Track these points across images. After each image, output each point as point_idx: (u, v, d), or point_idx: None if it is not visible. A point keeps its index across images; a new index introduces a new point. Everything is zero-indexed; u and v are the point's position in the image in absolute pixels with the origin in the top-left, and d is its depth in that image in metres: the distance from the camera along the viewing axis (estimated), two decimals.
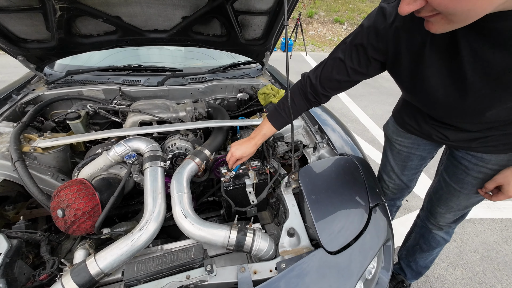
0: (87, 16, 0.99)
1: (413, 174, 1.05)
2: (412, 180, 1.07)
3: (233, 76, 1.56)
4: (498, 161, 0.74)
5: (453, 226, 1.02)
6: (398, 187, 1.10)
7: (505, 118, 0.61)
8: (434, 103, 0.68)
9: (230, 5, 1.09)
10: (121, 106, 1.14)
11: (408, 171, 1.03)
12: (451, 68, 0.56)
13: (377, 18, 0.64)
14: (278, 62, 5.32)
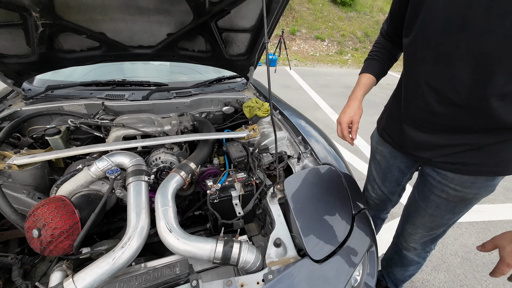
0: (70, 32, 1.00)
1: (394, 187, 1.09)
2: (393, 192, 1.12)
3: (218, 90, 1.59)
4: (461, 182, 0.78)
5: (423, 250, 1.04)
6: (380, 197, 1.15)
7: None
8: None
9: (214, 23, 1.14)
10: (104, 121, 1.13)
11: (389, 183, 1.08)
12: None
13: None
14: (263, 76, 5.44)
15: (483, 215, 1.88)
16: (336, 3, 10.10)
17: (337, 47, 8.81)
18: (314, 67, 6.96)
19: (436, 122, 0.74)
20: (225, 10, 1.05)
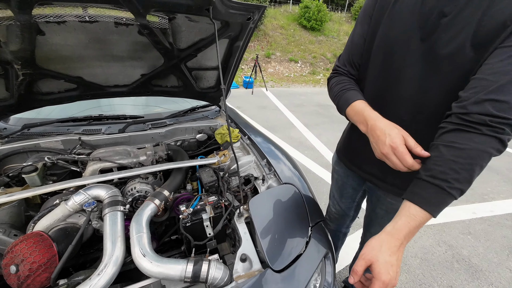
0: (49, 78, 1.10)
1: (349, 203, 1.23)
2: (350, 208, 1.25)
3: (192, 119, 1.72)
4: (394, 197, 0.91)
5: None
6: (339, 213, 1.29)
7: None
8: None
9: (184, 64, 1.29)
10: (80, 156, 1.20)
11: (345, 199, 1.22)
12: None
13: None
14: (240, 98, 5.71)
15: (439, 218, 2.08)
16: (306, 29, 10.98)
17: (309, 68, 9.45)
18: (289, 87, 7.38)
19: None
20: (192, 54, 1.21)
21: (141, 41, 1.03)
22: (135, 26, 0.93)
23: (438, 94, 0.67)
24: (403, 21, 0.68)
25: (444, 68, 0.63)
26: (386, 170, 0.89)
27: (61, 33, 0.87)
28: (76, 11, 0.80)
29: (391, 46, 0.72)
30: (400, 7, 0.69)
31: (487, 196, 2.48)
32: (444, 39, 0.61)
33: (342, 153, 1.11)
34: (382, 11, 0.73)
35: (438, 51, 0.63)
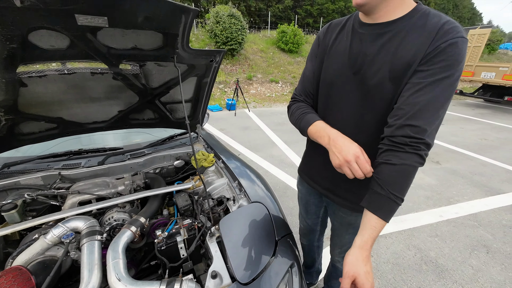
0: (30, 121, 1.19)
1: (315, 219, 1.33)
2: (316, 224, 1.35)
3: (170, 146, 1.83)
4: (344, 211, 1.03)
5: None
6: (307, 228, 1.40)
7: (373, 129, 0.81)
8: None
9: (158, 100, 1.43)
10: (60, 190, 1.27)
11: (311, 215, 1.32)
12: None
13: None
14: (223, 120, 5.87)
15: (408, 223, 2.24)
16: (284, 51, 11.66)
17: (290, 87, 9.92)
18: (271, 107, 7.68)
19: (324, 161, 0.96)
20: (164, 91, 1.35)
21: (116, 84, 1.17)
22: (110, 73, 1.07)
23: (372, 117, 0.81)
24: (339, 59, 0.85)
25: (373, 96, 0.79)
26: (339, 186, 1.03)
27: (42, 84, 0.99)
28: (56, 66, 0.93)
29: (332, 79, 0.88)
30: (336, 49, 0.86)
31: (453, 199, 2.68)
32: (370, 73, 0.77)
33: (303, 171, 1.24)
34: (324, 51, 0.91)
35: (367, 82, 0.78)
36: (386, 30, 0.73)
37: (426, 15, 0.69)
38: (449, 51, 0.63)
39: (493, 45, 16.75)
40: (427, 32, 0.66)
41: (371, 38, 0.76)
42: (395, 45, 0.71)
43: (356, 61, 0.79)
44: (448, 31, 0.64)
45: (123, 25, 0.80)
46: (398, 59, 0.71)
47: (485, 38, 7.33)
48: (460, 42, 0.63)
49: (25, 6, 0.59)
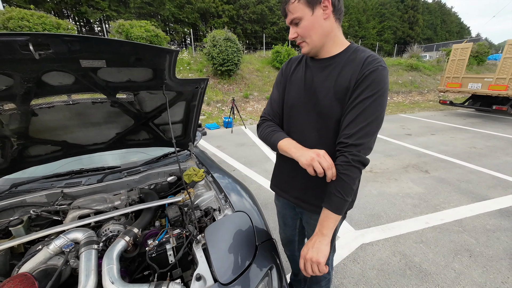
0: (38, 144, 1.36)
1: (292, 230, 1.44)
2: (294, 234, 1.46)
3: (164, 164, 1.97)
4: (315, 216, 1.10)
5: None
6: (286, 239, 1.51)
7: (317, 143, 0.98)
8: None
9: (151, 122, 1.61)
10: (62, 206, 1.40)
11: (288, 227, 1.44)
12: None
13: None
14: (220, 138, 6.05)
15: (395, 231, 2.32)
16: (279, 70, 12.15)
17: None
18: None
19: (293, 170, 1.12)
20: (156, 115, 1.53)
21: (113, 110, 1.35)
22: (108, 102, 1.25)
23: (327, 132, 0.98)
24: (297, 86, 1.03)
25: (325, 114, 0.95)
26: (307, 193, 1.16)
27: (50, 113, 1.17)
28: (63, 98, 1.11)
29: (293, 102, 1.06)
30: (294, 78, 1.05)
31: (439, 206, 2.77)
32: (320, 96, 0.94)
33: (274, 185, 1.35)
34: (286, 80, 1.10)
35: (319, 103, 0.96)
36: (328, 63, 0.93)
37: (356, 51, 0.89)
38: (371, 76, 0.81)
39: (481, 56, 17.37)
40: (356, 64, 0.85)
41: (319, 70, 0.95)
42: (336, 74, 0.90)
43: (310, 88, 0.98)
44: (370, 62, 0.83)
45: (119, 65, 0.99)
46: (339, 85, 0.89)
47: (467, 51, 7.71)
48: (379, 69, 0.81)
49: (42, 57, 0.78)
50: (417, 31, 33.43)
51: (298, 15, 0.84)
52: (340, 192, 0.86)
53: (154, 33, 8.75)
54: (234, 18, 22.12)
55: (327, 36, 0.88)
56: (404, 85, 13.59)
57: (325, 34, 0.88)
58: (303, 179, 1.10)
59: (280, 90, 1.12)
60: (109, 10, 16.94)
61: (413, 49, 18.51)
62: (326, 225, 0.90)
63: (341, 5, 0.87)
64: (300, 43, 0.92)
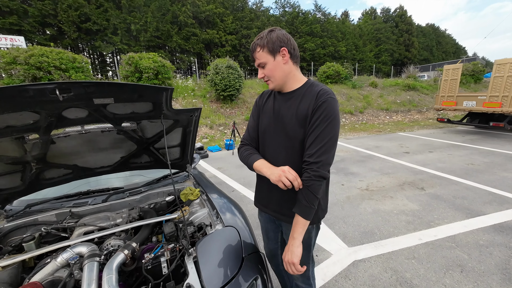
0: (53, 168, 1.56)
1: (275, 243, 1.55)
2: (276, 248, 1.57)
3: (164, 184, 2.14)
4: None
5: (304, 278, 1.44)
6: (271, 252, 1.62)
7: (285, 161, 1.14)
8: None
9: (152, 147, 1.81)
10: (69, 224, 1.56)
11: (271, 241, 1.55)
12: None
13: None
14: (221, 160, 6.22)
15: (387, 247, 2.36)
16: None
17: None
18: None
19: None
20: (156, 140, 1.74)
21: (119, 137, 1.56)
22: (114, 130, 1.46)
23: (293, 152, 1.16)
24: (268, 115, 1.24)
25: (291, 137, 1.14)
26: (284, 206, 1.31)
27: (66, 141, 1.38)
28: (77, 128, 1.33)
29: (265, 128, 1.26)
30: (265, 108, 1.26)
31: (433, 222, 2.80)
32: (286, 121, 1.15)
33: (257, 201, 1.49)
34: (259, 110, 1.31)
35: (285, 128, 1.16)
36: (290, 96, 1.15)
37: (312, 86, 1.11)
38: (324, 106, 1.02)
39: (478, 75, 17.78)
40: (311, 96, 1.07)
41: (284, 101, 1.16)
42: (297, 104, 1.11)
43: (278, 116, 1.18)
44: (322, 94, 1.04)
45: (124, 101, 1.21)
46: (300, 113, 1.10)
47: (459, 71, 8.02)
48: (329, 100, 1.02)
49: (65, 98, 1.00)
50: (414, 53, 34.65)
51: (263, 60, 1.07)
52: (307, 200, 1.04)
53: (161, 63, 9.41)
54: (237, 46, 23.52)
55: (287, 75, 1.11)
56: (403, 104, 13.87)
57: (285, 74, 1.11)
58: (279, 193, 1.26)
59: (255, 118, 1.33)
60: (120, 44, 18.34)
61: (410, 70, 19.13)
62: (296, 230, 1.06)
63: (297, 52, 1.11)
64: (267, 81, 1.16)
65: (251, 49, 1.10)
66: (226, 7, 23.55)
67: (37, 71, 7.16)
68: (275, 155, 1.21)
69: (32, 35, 16.08)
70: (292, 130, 1.12)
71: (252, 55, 1.11)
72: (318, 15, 28.41)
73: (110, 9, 17.73)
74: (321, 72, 14.45)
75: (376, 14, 35.92)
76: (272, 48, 1.05)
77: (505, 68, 6.76)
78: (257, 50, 1.07)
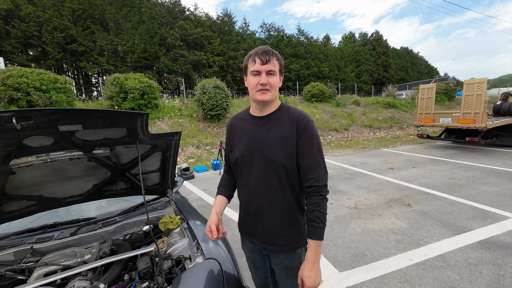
0: (13, 201, 1.41)
1: (264, 273, 1.43)
2: (266, 277, 1.45)
3: (142, 212, 2.00)
4: (281, 256, 1.21)
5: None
6: (260, 282, 1.49)
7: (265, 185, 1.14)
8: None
9: (128, 173, 1.70)
10: (29, 264, 1.38)
11: (259, 271, 1.43)
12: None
13: None
14: (208, 180, 6.06)
15: (379, 271, 2.28)
16: None
17: None
18: None
19: (257, 214, 1.22)
20: (132, 166, 1.64)
21: (90, 164, 1.45)
22: (85, 157, 1.36)
23: (276, 175, 1.13)
24: (244, 140, 1.21)
25: (274, 161, 1.10)
26: (270, 235, 1.23)
27: (28, 171, 1.26)
28: (41, 157, 1.22)
29: (243, 154, 1.21)
30: (241, 134, 1.24)
31: (422, 241, 2.77)
32: (267, 144, 1.12)
33: (242, 229, 1.39)
34: (234, 136, 1.28)
35: (265, 151, 1.12)
36: (268, 119, 1.15)
37: (287, 109, 1.15)
38: (306, 128, 1.08)
39: (450, 93, 19.08)
40: (291, 121, 1.09)
41: (261, 124, 1.16)
42: (275, 128, 1.12)
43: (256, 140, 1.16)
44: (302, 120, 1.08)
45: (94, 127, 1.13)
46: (280, 135, 1.10)
47: (433, 90, 8.54)
48: (309, 123, 1.09)
49: (23, 127, 0.91)
50: (391, 73, 36.95)
51: (274, 69, 1.07)
52: (323, 222, 1.06)
53: (148, 84, 9.38)
54: (224, 67, 24.09)
55: (276, 96, 1.14)
56: (385, 121, 14.46)
57: (277, 93, 1.14)
58: (265, 222, 1.20)
59: (230, 146, 1.31)
60: (107, 65, 18.26)
61: (389, 88, 20.24)
62: (317, 253, 1.06)
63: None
64: (265, 91, 1.07)
65: (265, 50, 1.06)
66: (214, 30, 24.42)
67: (15, 92, 6.89)
68: (257, 180, 1.17)
69: (13, 56, 15.72)
70: (274, 153, 1.10)
71: (265, 57, 1.04)
72: (302, 39, 30.00)
73: (97, 31, 17.84)
74: (306, 91, 14.95)
75: (354, 38, 38.48)
76: (281, 66, 1.11)
77: (474, 88, 7.27)
78: (275, 58, 1.06)
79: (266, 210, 1.18)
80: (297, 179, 1.14)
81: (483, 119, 7.09)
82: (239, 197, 1.32)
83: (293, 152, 1.09)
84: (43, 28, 16.10)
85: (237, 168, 1.25)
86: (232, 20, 26.51)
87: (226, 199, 1.36)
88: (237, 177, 1.29)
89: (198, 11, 25.64)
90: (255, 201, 1.20)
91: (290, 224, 1.18)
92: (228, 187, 1.37)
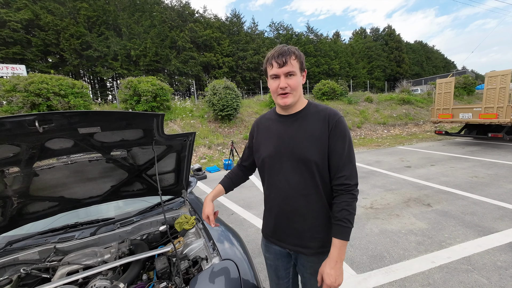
0: (37, 201, 1.46)
1: (287, 282, 1.37)
2: (288, 286, 1.39)
3: (158, 212, 2.02)
4: (312, 259, 1.15)
5: None
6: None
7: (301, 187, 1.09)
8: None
9: (145, 173, 1.72)
10: (52, 263, 1.42)
11: (281, 279, 1.37)
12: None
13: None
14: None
15: (400, 273, 2.19)
16: None
17: None
18: None
19: (290, 216, 1.15)
20: (148, 167, 1.65)
21: (108, 165, 1.48)
22: (103, 159, 1.39)
23: (308, 175, 1.09)
24: (272, 140, 1.17)
25: (305, 159, 1.07)
26: (304, 237, 1.18)
27: (50, 173, 1.30)
28: (62, 159, 1.25)
29: (270, 153, 1.17)
30: (268, 133, 1.21)
31: (445, 242, 2.64)
32: (296, 142, 1.09)
33: (267, 234, 1.32)
34: (261, 135, 1.25)
35: (297, 150, 1.09)
36: (296, 117, 1.13)
37: (316, 106, 1.12)
38: (338, 125, 1.05)
39: (470, 87, 18.20)
40: (322, 117, 1.07)
41: (289, 123, 1.14)
42: (304, 125, 1.09)
43: (285, 139, 1.13)
44: (333, 116, 1.06)
45: (112, 129, 1.15)
46: (310, 134, 1.07)
47: (452, 85, 8.17)
48: (340, 119, 1.06)
49: (45, 130, 0.93)
50: (405, 68, 35.76)
51: (293, 70, 1.02)
52: (351, 222, 1.03)
53: (160, 86, 9.57)
54: (234, 68, 24.22)
55: (300, 95, 1.11)
56: (399, 118, 14.00)
57: (301, 92, 1.10)
58: (299, 223, 1.16)
59: (256, 148, 1.26)
60: (120, 69, 18.83)
61: (403, 84, 19.58)
62: (342, 252, 1.03)
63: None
64: (287, 94, 1.04)
65: (281, 52, 1.00)
66: (223, 31, 24.59)
67: (36, 97, 7.22)
68: (288, 180, 1.13)
69: (34, 63, 16.52)
70: (307, 151, 1.07)
71: (282, 59, 1.00)
72: (311, 36, 29.66)
73: (110, 36, 18.43)
74: (316, 89, 14.74)
75: (366, 33, 37.56)
76: (302, 63, 1.06)
77: (496, 80, 6.89)
78: (292, 58, 1.01)
79: (300, 211, 1.13)
80: (328, 177, 1.10)
81: (508, 114, 6.70)
82: (266, 199, 1.27)
83: (325, 149, 1.05)
84: (61, 36, 16.83)
85: (265, 168, 1.21)
86: (240, 21, 26.60)
87: (224, 190, 1.39)
88: (263, 179, 1.25)
89: (207, 13, 25.95)
90: (287, 202, 1.15)
91: (325, 225, 1.13)
92: (231, 180, 1.40)
